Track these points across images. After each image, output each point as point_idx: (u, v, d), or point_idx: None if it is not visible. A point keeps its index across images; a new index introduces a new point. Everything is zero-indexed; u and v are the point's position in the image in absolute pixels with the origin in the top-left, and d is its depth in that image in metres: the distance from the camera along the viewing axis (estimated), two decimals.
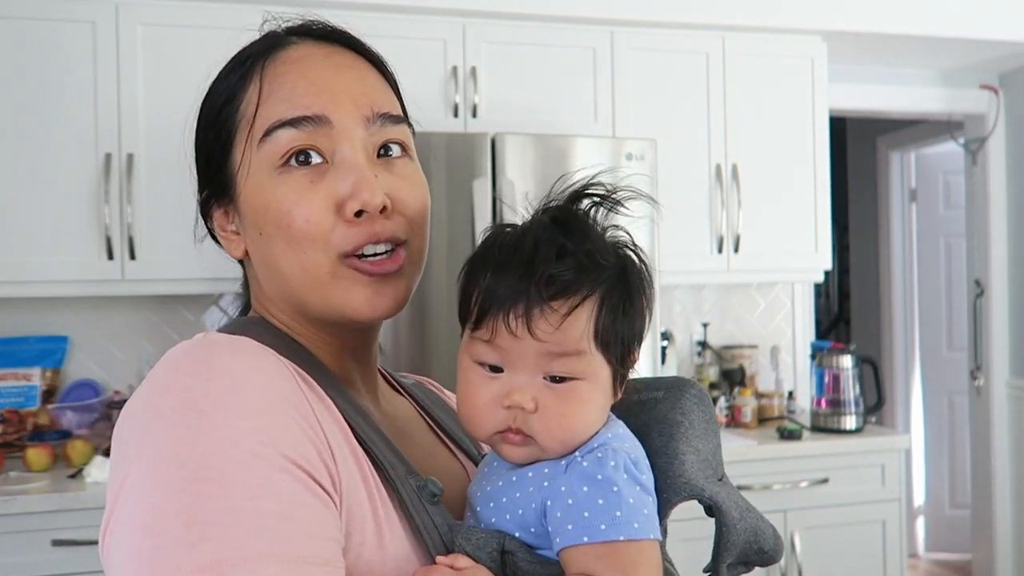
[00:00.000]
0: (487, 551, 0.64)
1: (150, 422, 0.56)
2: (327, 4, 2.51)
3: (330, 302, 0.68)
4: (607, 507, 0.62)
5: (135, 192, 2.41)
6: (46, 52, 2.38)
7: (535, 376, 0.65)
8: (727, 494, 0.70)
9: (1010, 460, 3.58)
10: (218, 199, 0.72)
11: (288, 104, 0.67)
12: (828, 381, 2.79)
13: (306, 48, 0.71)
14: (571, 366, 0.64)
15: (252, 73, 0.70)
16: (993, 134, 3.58)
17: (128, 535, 0.53)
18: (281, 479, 0.54)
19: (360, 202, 0.65)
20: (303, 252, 0.66)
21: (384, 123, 0.70)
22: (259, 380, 0.58)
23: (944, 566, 4.25)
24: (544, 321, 0.63)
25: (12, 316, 2.64)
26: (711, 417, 0.75)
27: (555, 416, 0.65)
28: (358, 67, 0.71)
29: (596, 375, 0.66)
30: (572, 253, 0.64)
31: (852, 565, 2.65)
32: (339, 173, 0.66)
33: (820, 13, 2.90)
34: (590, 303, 0.64)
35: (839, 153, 4.37)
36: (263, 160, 0.67)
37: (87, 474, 2.17)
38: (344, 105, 0.68)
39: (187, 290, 2.50)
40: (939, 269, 4.40)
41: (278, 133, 0.66)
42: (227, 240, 0.73)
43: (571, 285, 0.63)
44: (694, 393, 0.74)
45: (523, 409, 0.64)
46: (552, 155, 2.39)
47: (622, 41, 2.77)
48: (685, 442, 0.70)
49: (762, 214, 2.88)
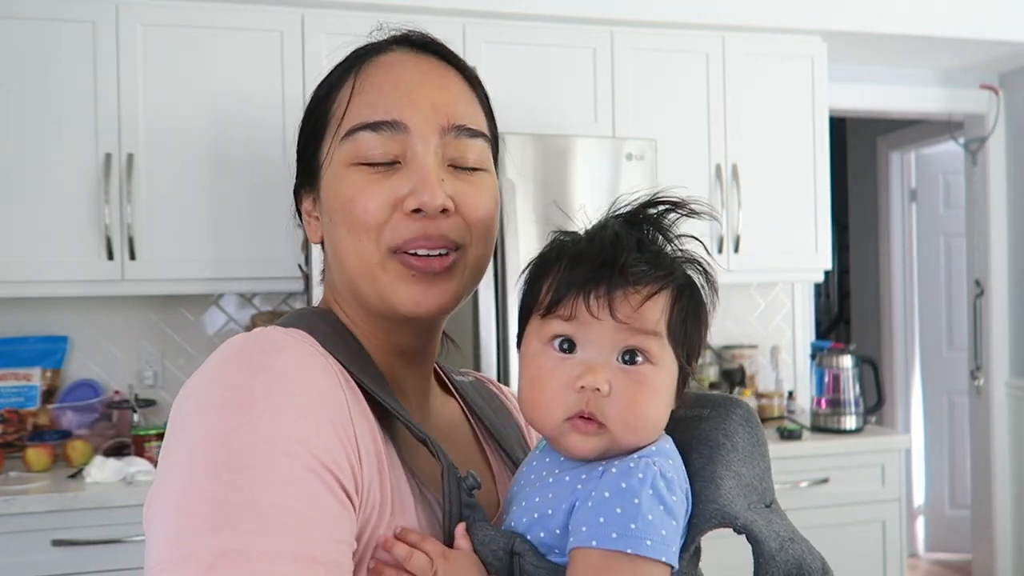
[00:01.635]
0: (492, 548, 0.64)
1: (197, 408, 0.60)
2: (327, 4, 2.51)
3: (380, 293, 0.70)
4: (623, 517, 0.60)
5: (135, 192, 2.41)
6: (46, 52, 2.38)
7: (610, 357, 0.65)
8: (767, 523, 0.67)
9: (1010, 460, 3.58)
10: (307, 186, 0.76)
11: (371, 108, 0.70)
12: (828, 381, 2.79)
13: (400, 55, 0.74)
14: (647, 344, 0.65)
15: (348, 74, 0.73)
16: (993, 134, 3.58)
17: (162, 509, 0.57)
18: (307, 479, 0.57)
19: (419, 201, 0.68)
20: (358, 240, 0.69)
21: (460, 135, 0.71)
22: (301, 380, 0.60)
23: (944, 566, 4.25)
24: (626, 302, 0.64)
25: (12, 316, 2.64)
26: (758, 439, 0.72)
27: (627, 401, 0.64)
28: (445, 77, 0.74)
29: (666, 364, 0.66)
30: (650, 247, 0.67)
31: (852, 565, 2.65)
32: (406, 173, 0.69)
33: (820, 13, 2.90)
34: (666, 293, 0.66)
35: (839, 153, 4.37)
36: (343, 155, 0.71)
37: (87, 474, 2.17)
38: (423, 111, 0.70)
39: (187, 290, 2.51)
40: (939, 269, 4.40)
41: (359, 134, 0.70)
42: (309, 225, 0.77)
43: (651, 273, 0.65)
44: (741, 413, 0.72)
45: (597, 391, 0.64)
46: (552, 155, 2.39)
47: (622, 41, 2.77)
48: (725, 465, 0.68)
49: (762, 214, 2.88)
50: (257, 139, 2.48)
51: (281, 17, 2.50)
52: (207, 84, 2.46)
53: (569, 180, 2.41)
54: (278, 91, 2.50)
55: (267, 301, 2.83)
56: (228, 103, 2.47)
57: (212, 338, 2.78)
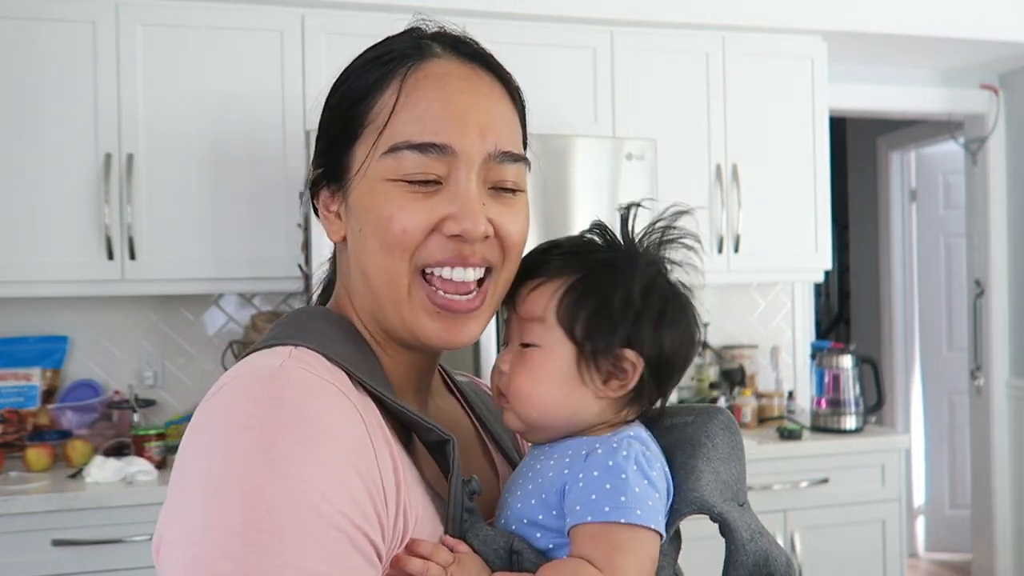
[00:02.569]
0: (493, 548, 0.68)
1: (224, 449, 0.58)
2: (327, 4, 2.51)
3: (404, 320, 0.70)
4: (613, 491, 0.67)
5: (135, 192, 2.41)
6: (46, 52, 2.38)
7: (515, 344, 0.75)
8: (740, 515, 0.73)
9: (1010, 460, 3.58)
10: (330, 182, 0.74)
11: (420, 126, 0.68)
12: (828, 381, 2.78)
13: (448, 64, 0.72)
14: (531, 330, 0.73)
15: (392, 78, 0.70)
16: (993, 134, 3.58)
17: (181, 562, 0.55)
18: (336, 539, 0.56)
19: (461, 228, 0.68)
20: (391, 258, 0.68)
21: (504, 160, 0.71)
22: (330, 429, 0.59)
23: (944, 566, 4.25)
24: (517, 296, 0.75)
25: (12, 316, 2.64)
26: (737, 444, 0.77)
27: (515, 378, 0.73)
28: (493, 96, 0.73)
29: (554, 348, 0.72)
30: (558, 249, 0.75)
31: (852, 565, 2.65)
32: (448, 196, 0.68)
33: (820, 13, 2.90)
34: (555, 283, 0.73)
35: (839, 153, 4.36)
36: (383, 169, 0.69)
37: (87, 474, 2.17)
38: (471, 136, 0.69)
39: (187, 290, 2.50)
40: (939, 269, 4.39)
41: (404, 153, 0.68)
42: (328, 220, 0.75)
43: (542, 270, 0.74)
44: (722, 420, 0.77)
45: (500, 371, 0.74)
46: (552, 155, 2.39)
47: (622, 41, 2.77)
48: (705, 461, 0.73)
49: (762, 214, 2.87)
50: (257, 139, 2.48)
51: (281, 17, 2.50)
52: (207, 84, 2.46)
53: (569, 180, 2.41)
54: (278, 91, 2.50)
55: (267, 301, 2.83)
56: (228, 103, 2.47)
57: (212, 338, 2.78)
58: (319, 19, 2.52)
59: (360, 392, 0.66)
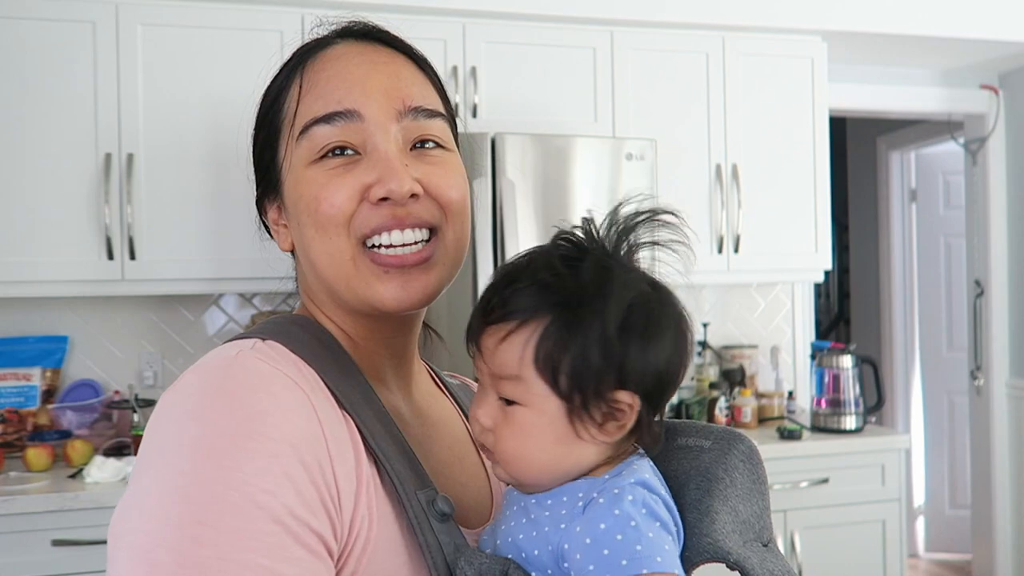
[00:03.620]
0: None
1: (171, 442, 0.58)
2: (325, 4, 2.51)
3: (356, 293, 0.69)
4: (626, 542, 0.60)
5: (135, 192, 2.41)
6: (46, 52, 2.38)
7: (493, 395, 0.66)
8: (761, 560, 0.66)
9: (1010, 460, 3.58)
10: (269, 195, 0.75)
11: (323, 101, 0.69)
12: (828, 381, 2.78)
13: (345, 47, 0.73)
14: (509, 390, 0.64)
15: (295, 73, 0.72)
16: (993, 134, 3.58)
17: (127, 550, 0.55)
18: (275, 531, 0.55)
19: (386, 189, 0.66)
20: (328, 237, 0.68)
21: (417, 116, 0.70)
22: (276, 421, 0.58)
23: (944, 566, 4.25)
24: (486, 344, 0.65)
25: (12, 316, 2.64)
26: (759, 477, 0.71)
27: (503, 441, 0.65)
28: (394, 63, 0.72)
29: (539, 405, 0.64)
30: (519, 282, 0.64)
31: (852, 565, 2.65)
32: (369, 163, 0.68)
33: (820, 13, 2.90)
34: (528, 328, 0.63)
35: (839, 153, 4.37)
36: (301, 154, 0.69)
37: (87, 474, 2.17)
38: (376, 99, 0.69)
39: (187, 290, 2.51)
40: (939, 269, 4.40)
41: (314, 129, 0.68)
42: (278, 233, 0.76)
43: (511, 310, 0.64)
44: (743, 449, 0.70)
45: (481, 425, 0.66)
46: (552, 155, 2.39)
47: (622, 41, 2.77)
48: (722, 500, 0.67)
49: (762, 214, 2.88)
50: None
51: (281, 17, 2.50)
52: (207, 84, 2.46)
53: (569, 180, 2.41)
54: None
55: (267, 301, 2.83)
56: (228, 103, 2.47)
57: (212, 338, 2.78)
58: (319, 19, 2.51)
59: (323, 388, 0.65)
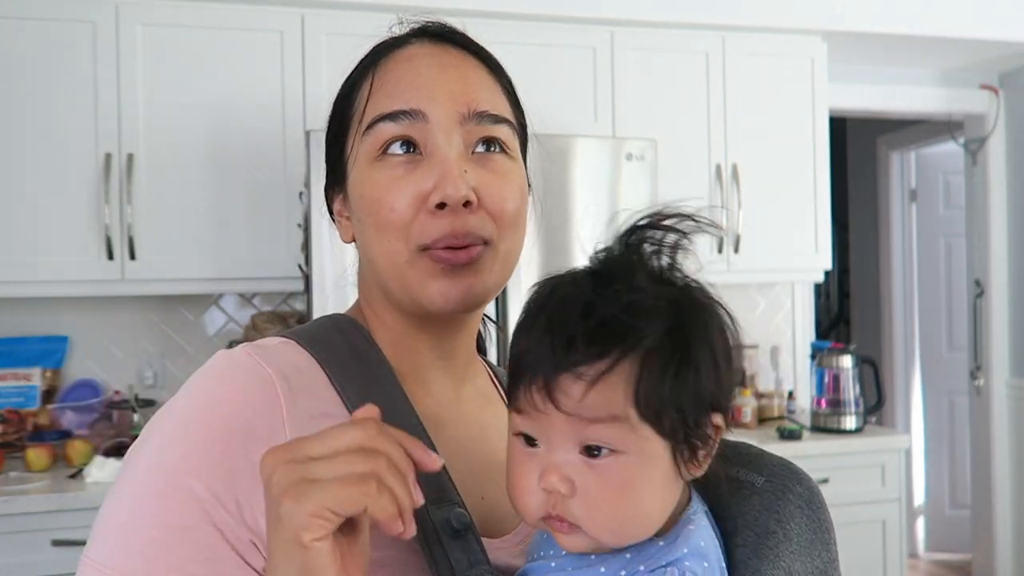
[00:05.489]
0: None
1: (151, 431, 0.65)
2: (327, 4, 2.51)
3: (408, 290, 0.69)
4: None
5: (135, 192, 2.41)
6: (46, 52, 2.38)
7: (570, 452, 0.56)
8: None
9: (1010, 460, 3.58)
10: (335, 187, 0.76)
11: (390, 100, 0.69)
12: (828, 381, 2.78)
13: (418, 48, 0.73)
14: (606, 435, 0.55)
15: (368, 70, 0.73)
16: (993, 134, 3.58)
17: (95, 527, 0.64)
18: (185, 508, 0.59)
19: (442, 195, 0.66)
20: (387, 239, 0.68)
21: (482, 121, 0.70)
22: (225, 412, 0.62)
23: (944, 566, 4.25)
24: (567, 391, 0.54)
25: (12, 316, 2.64)
26: (820, 526, 0.63)
27: (596, 500, 0.55)
28: (465, 66, 0.73)
29: (643, 449, 0.55)
30: (603, 309, 0.55)
31: (852, 565, 2.64)
32: (428, 166, 0.68)
33: (820, 13, 2.90)
34: (626, 366, 0.54)
35: (839, 153, 4.37)
36: (365, 151, 0.70)
37: (87, 474, 2.17)
38: (441, 101, 0.69)
39: (187, 290, 2.51)
40: (939, 269, 4.40)
41: (379, 126, 0.69)
42: (340, 225, 0.77)
43: (600, 346, 0.54)
44: (800, 492, 0.64)
45: (560, 493, 0.56)
46: (552, 155, 2.39)
47: (622, 41, 2.77)
48: (772, 561, 0.60)
49: (762, 214, 2.88)
50: (257, 139, 2.48)
51: (281, 17, 2.50)
52: (207, 84, 2.46)
53: (569, 180, 2.41)
54: (278, 91, 2.50)
55: (267, 301, 2.83)
56: (228, 103, 2.47)
57: (212, 338, 2.78)
58: (319, 19, 2.52)
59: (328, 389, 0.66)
